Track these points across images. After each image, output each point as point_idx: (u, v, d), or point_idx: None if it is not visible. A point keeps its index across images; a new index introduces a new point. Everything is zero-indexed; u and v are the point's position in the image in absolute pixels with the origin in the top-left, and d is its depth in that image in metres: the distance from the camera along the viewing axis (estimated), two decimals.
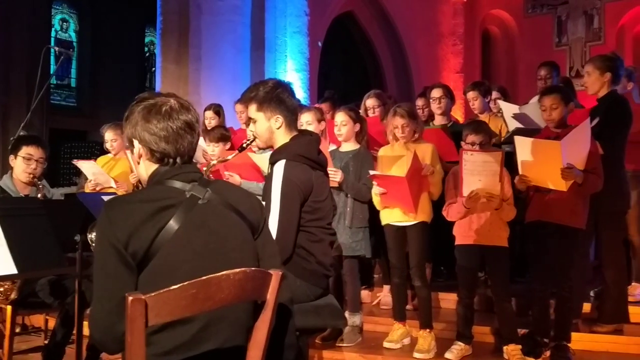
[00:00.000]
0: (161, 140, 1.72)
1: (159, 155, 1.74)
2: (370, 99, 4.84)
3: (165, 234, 1.60)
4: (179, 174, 1.72)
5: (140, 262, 1.60)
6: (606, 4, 11.81)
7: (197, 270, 1.56)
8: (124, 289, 1.54)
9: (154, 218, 1.61)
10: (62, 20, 15.91)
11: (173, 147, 1.72)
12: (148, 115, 1.73)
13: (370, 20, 11.35)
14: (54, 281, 3.40)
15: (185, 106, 1.77)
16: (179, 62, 7.80)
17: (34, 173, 3.65)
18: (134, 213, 1.61)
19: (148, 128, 1.73)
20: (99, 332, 1.59)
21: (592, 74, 3.87)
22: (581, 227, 3.48)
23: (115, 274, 1.59)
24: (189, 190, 1.69)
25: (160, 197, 1.66)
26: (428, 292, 3.82)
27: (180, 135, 1.73)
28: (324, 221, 2.62)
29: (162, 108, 1.73)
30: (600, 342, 3.77)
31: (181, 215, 1.63)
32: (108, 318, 1.57)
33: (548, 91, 3.58)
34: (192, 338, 1.60)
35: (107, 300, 1.58)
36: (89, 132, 14.41)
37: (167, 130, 1.71)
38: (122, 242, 1.58)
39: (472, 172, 3.40)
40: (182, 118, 1.74)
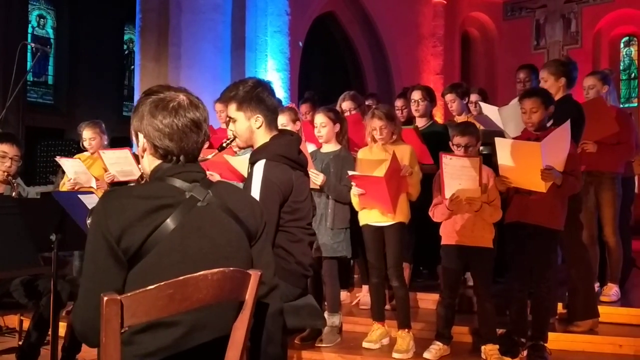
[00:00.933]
0: (165, 137, 1.67)
1: (162, 151, 1.69)
2: (346, 102, 4.83)
3: (160, 234, 1.57)
4: (181, 172, 1.68)
5: (131, 258, 1.57)
6: (583, 8, 12.01)
7: (185, 273, 1.53)
8: (111, 284, 1.53)
9: (151, 216, 1.57)
10: (39, 17, 15.70)
11: (177, 145, 1.68)
12: (155, 110, 1.68)
13: (351, 21, 11.39)
14: (29, 281, 3.35)
15: (194, 103, 1.72)
16: (158, 60, 7.74)
17: (9, 171, 3.59)
18: (131, 208, 1.57)
19: (153, 123, 1.67)
20: (81, 324, 1.57)
21: (548, 80, 3.95)
22: (559, 228, 3.52)
23: (105, 267, 1.56)
24: (190, 190, 1.65)
25: (159, 195, 1.62)
26: (406, 292, 3.83)
27: (186, 133, 1.68)
28: (303, 221, 2.61)
29: (170, 104, 1.68)
30: (576, 342, 3.82)
31: (178, 216, 1.59)
32: (93, 312, 1.51)
33: (529, 94, 3.58)
34: (175, 342, 1.58)
35: (93, 294, 1.52)
36: (65, 130, 14.24)
37: (172, 127, 1.66)
38: (115, 236, 1.55)
39: (452, 175, 3.43)
40: (189, 116, 1.69)
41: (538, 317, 3.54)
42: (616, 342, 3.79)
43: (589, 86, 4.46)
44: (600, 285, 4.48)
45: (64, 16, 15.88)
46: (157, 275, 1.53)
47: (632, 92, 12.74)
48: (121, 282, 1.56)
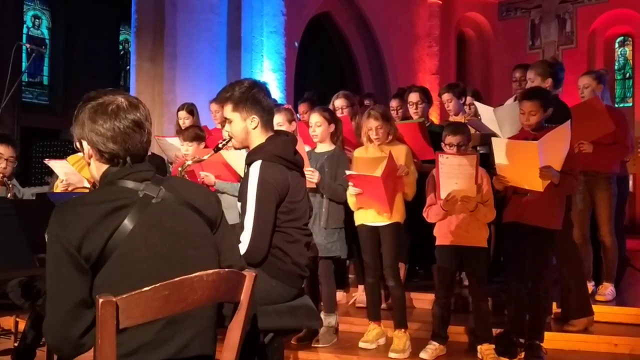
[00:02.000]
0: (108, 141, 1.67)
1: (107, 155, 1.69)
2: (338, 100, 4.82)
3: (120, 235, 1.57)
4: (130, 173, 1.69)
5: (95, 264, 1.57)
6: (578, 8, 12.05)
7: (156, 268, 1.55)
8: (77, 294, 1.53)
9: (107, 219, 1.58)
10: (34, 17, 15.63)
11: (121, 147, 1.68)
12: (94, 115, 1.68)
13: (347, 21, 11.39)
14: (25, 282, 3.33)
15: (133, 104, 1.72)
16: (154, 61, 7.73)
17: (4, 172, 3.59)
18: (86, 215, 1.57)
19: (95, 129, 1.67)
20: (54, 338, 1.57)
21: (535, 80, 3.98)
22: (557, 228, 3.53)
23: (68, 278, 1.55)
24: (142, 189, 1.66)
25: (112, 198, 1.63)
26: (402, 292, 3.84)
27: (128, 134, 1.68)
28: (300, 222, 2.62)
29: (109, 107, 1.68)
30: (571, 341, 3.83)
31: (135, 215, 1.60)
32: (62, 324, 1.54)
33: (529, 96, 3.56)
34: (156, 336, 1.58)
35: (60, 305, 1.54)
36: (61, 130, 14.18)
37: (114, 130, 1.66)
38: (75, 245, 1.54)
39: (448, 174, 3.43)
40: (130, 117, 1.69)
41: (535, 316, 3.55)
42: (611, 341, 3.81)
43: (584, 85, 4.47)
44: (595, 284, 4.50)
45: (59, 17, 15.82)
46: (125, 276, 1.54)
47: (626, 92, 12.78)
48: (87, 290, 1.57)
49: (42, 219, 2.80)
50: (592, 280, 4.50)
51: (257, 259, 2.47)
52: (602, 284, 4.42)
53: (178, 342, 1.61)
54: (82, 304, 1.55)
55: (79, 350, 1.55)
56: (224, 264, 1.75)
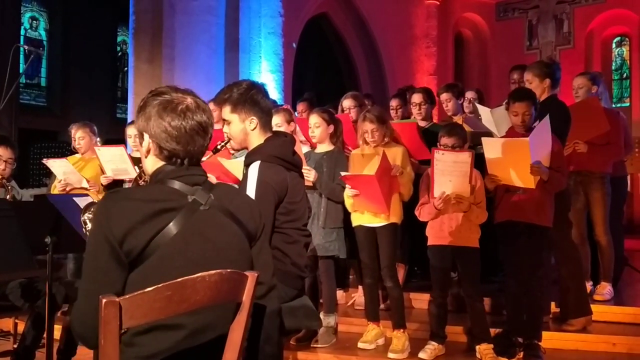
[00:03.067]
0: (172, 139, 1.66)
1: (167, 153, 1.68)
2: (347, 100, 4.85)
3: (163, 237, 1.56)
4: (183, 175, 1.68)
5: (133, 261, 1.56)
6: (575, 8, 12.07)
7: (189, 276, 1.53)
8: (112, 286, 1.52)
9: (154, 219, 1.57)
10: (31, 19, 15.62)
11: (183, 148, 1.67)
12: (163, 112, 1.66)
13: (345, 22, 11.40)
14: (24, 284, 3.34)
15: (201, 107, 1.71)
16: (152, 62, 7.73)
17: (3, 174, 3.59)
18: (134, 211, 1.57)
19: (161, 125, 1.66)
20: (81, 326, 1.56)
21: (533, 82, 4.00)
22: (548, 225, 3.57)
23: (106, 269, 1.55)
24: (192, 194, 1.65)
25: (162, 198, 1.62)
26: (400, 292, 3.85)
27: (192, 136, 1.67)
28: (299, 222, 2.62)
29: (179, 106, 1.67)
30: (569, 341, 3.84)
31: (181, 220, 1.59)
32: (92, 312, 1.50)
33: (521, 97, 3.61)
34: (178, 344, 1.57)
35: (93, 294, 1.50)
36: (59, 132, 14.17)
37: (179, 130, 1.66)
38: (118, 238, 1.54)
39: (443, 172, 3.44)
40: (197, 119, 1.68)
41: (532, 315, 3.56)
42: (610, 340, 3.82)
43: (578, 85, 4.50)
44: (593, 284, 4.51)
45: (56, 18, 15.81)
46: (159, 278, 1.52)
47: (624, 92, 12.80)
48: (121, 284, 1.56)
49: (41, 220, 2.82)
50: (591, 280, 4.51)
51: None
52: (600, 284, 4.43)
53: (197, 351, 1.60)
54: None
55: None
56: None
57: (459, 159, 3.43)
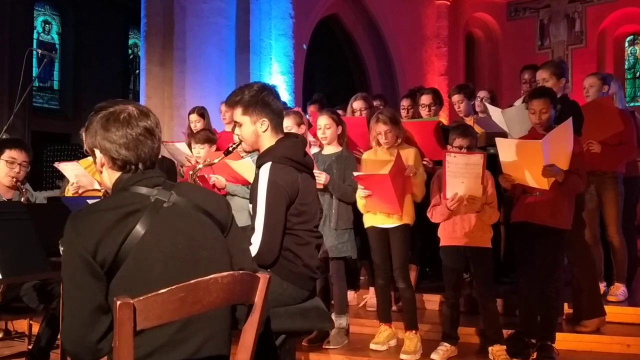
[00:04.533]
0: (121, 148, 1.72)
1: (120, 162, 1.74)
2: (357, 101, 4.86)
3: (133, 239, 1.60)
4: (142, 179, 1.73)
5: (109, 269, 1.60)
6: (587, 7, 11.99)
7: (169, 270, 1.58)
8: (93, 300, 1.56)
9: (120, 224, 1.61)
10: (44, 22, 15.77)
11: (134, 154, 1.72)
12: (107, 124, 1.72)
13: (355, 23, 11.40)
14: (39, 286, 3.37)
15: (144, 112, 1.77)
16: (163, 65, 7.77)
17: (17, 177, 3.61)
18: (100, 221, 1.61)
19: (107, 136, 1.72)
20: (72, 344, 1.59)
21: (550, 80, 3.98)
22: (566, 227, 3.53)
23: (84, 284, 1.58)
24: (154, 194, 1.69)
25: (125, 204, 1.66)
26: (412, 294, 3.84)
27: (140, 141, 1.73)
28: (310, 224, 2.62)
29: (121, 116, 1.73)
30: (583, 342, 3.82)
31: (147, 219, 1.63)
32: (79, 329, 1.57)
33: (538, 95, 3.58)
34: (171, 338, 1.61)
35: (77, 311, 1.58)
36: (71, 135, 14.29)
37: (126, 138, 1.71)
38: (90, 251, 1.58)
39: (455, 174, 3.43)
40: (142, 124, 1.74)
41: (546, 317, 3.54)
42: (624, 341, 3.79)
43: (589, 85, 4.48)
44: (607, 285, 4.48)
45: (68, 21, 15.95)
46: (140, 279, 1.57)
47: (637, 91, 12.71)
48: (103, 296, 1.60)
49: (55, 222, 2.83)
50: (604, 281, 4.48)
51: (268, 261, 2.48)
52: (613, 285, 4.40)
53: (193, 343, 1.63)
54: (99, 310, 1.58)
55: (97, 355, 1.58)
56: (236, 267, 1.77)
57: (471, 161, 3.42)
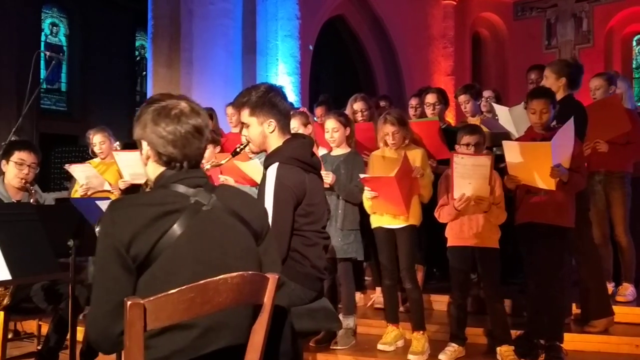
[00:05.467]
0: (169, 144, 1.71)
1: (165, 158, 1.73)
2: (357, 103, 4.85)
3: (168, 239, 1.60)
4: (184, 178, 1.72)
5: (141, 265, 1.60)
6: (595, 6, 11.92)
7: (197, 276, 1.56)
8: (122, 292, 1.55)
9: (158, 222, 1.60)
10: (52, 25, 15.85)
11: (180, 151, 1.71)
12: (157, 118, 1.71)
13: (361, 24, 11.39)
14: (48, 286, 3.39)
15: (195, 110, 1.75)
16: (170, 66, 7.79)
17: (26, 178, 3.63)
18: (138, 216, 1.61)
19: (156, 130, 1.71)
20: (95, 333, 1.60)
21: (549, 78, 3.97)
22: (570, 225, 3.54)
23: (115, 276, 1.59)
24: (194, 196, 1.68)
25: (165, 202, 1.66)
26: (419, 294, 3.84)
27: (188, 139, 1.72)
28: (317, 225, 2.63)
29: (172, 111, 1.72)
30: (591, 342, 3.80)
31: (184, 221, 1.63)
32: (104, 320, 1.57)
33: (538, 95, 3.59)
34: (191, 343, 1.60)
35: (104, 302, 1.58)
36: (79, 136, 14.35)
37: (175, 134, 1.70)
38: (124, 244, 1.58)
39: (463, 175, 3.45)
40: (192, 122, 1.72)
41: (553, 317, 3.53)
42: (633, 342, 3.77)
43: (595, 87, 4.46)
44: (615, 285, 4.46)
45: (76, 24, 16.02)
46: (168, 280, 1.56)
47: None
48: (131, 289, 1.59)
49: (64, 224, 2.87)
50: (612, 281, 4.46)
51: None
52: (622, 285, 4.38)
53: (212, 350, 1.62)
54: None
55: (117, 347, 1.58)
56: None
57: (478, 162, 3.43)
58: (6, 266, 2.24)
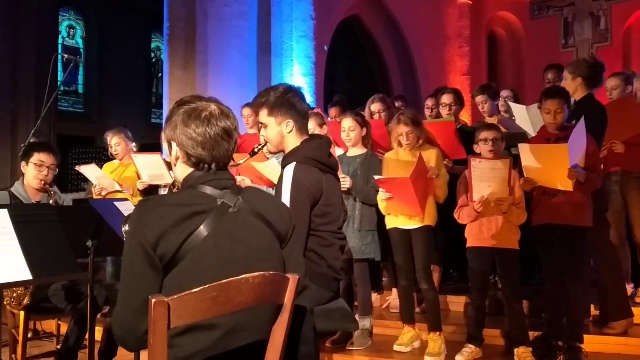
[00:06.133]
0: (198, 146, 1.72)
1: (195, 160, 1.75)
2: (375, 104, 4.86)
3: (194, 240, 1.61)
4: (212, 180, 1.74)
5: (167, 264, 1.62)
6: (613, 5, 11.79)
7: (222, 277, 1.56)
8: (148, 290, 1.57)
9: (185, 223, 1.62)
10: (69, 27, 16.02)
11: (209, 153, 1.73)
12: (188, 120, 1.73)
13: (376, 24, 11.38)
14: (67, 286, 3.43)
15: (225, 113, 1.77)
16: (186, 68, 7.84)
17: (46, 179, 3.67)
18: (166, 216, 1.63)
19: (187, 132, 1.73)
20: (121, 330, 1.63)
21: (567, 78, 3.96)
22: (588, 225, 3.51)
23: (142, 274, 1.61)
24: (221, 197, 1.70)
25: (192, 203, 1.68)
26: (436, 295, 3.83)
27: (218, 142, 1.73)
28: (334, 225, 2.63)
29: (202, 114, 1.73)
30: (610, 345, 3.77)
31: (211, 223, 1.64)
32: (131, 317, 1.60)
33: (553, 95, 3.57)
34: (214, 344, 1.62)
35: (131, 300, 1.61)
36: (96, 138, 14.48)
37: (204, 136, 1.72)
38: (152, 243, 1.60)
39: (481, 178, 3.45)
40: (221, 125, 1.74)
41: (573, 318, 3.51)
42: None
43: (612, 87, 4.43)
44: (635, 286, 4.41)
45: (92, 26, 16.19)
46: (193, 280, 1.57)
47: None
48: (158, 288, 1.61)
49: (83, 225, 2.89)
50: (632, 282, 4.41)
51: None
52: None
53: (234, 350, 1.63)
54: None
55: (142, 345, 1.59)
56: None
57: (496, 166, 3.44)
58: (27, 266, 2.26)
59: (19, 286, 3.10)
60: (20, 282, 2.33)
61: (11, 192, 3.66)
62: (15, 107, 12.26)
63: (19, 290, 3.30)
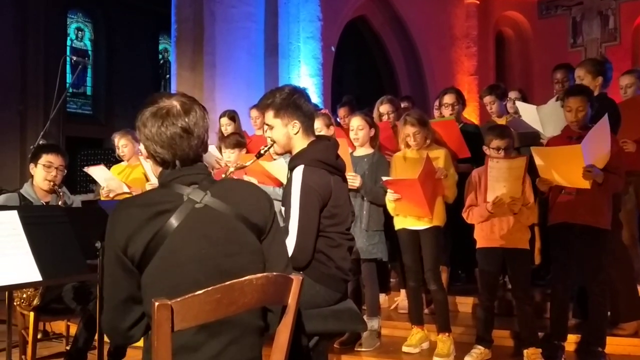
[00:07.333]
0: (156, 145, 1.73)
1: (158, 158, 1.76)
2: (384, 105, 4.85)
3: (161, 238, 1.63)
4: (179, 177, 1.73)
5: (139, 264, 1.65)
6: (621, 4, 11.72)
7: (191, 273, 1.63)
8: (123, 291, 1.64)
9: (150, 223, 1.63)
10: (77, 29, 16.10)
11: (168, 152, 1.73)
12: (146, 120, 1.73)
13: (383, 24, 11.36)
14: (77, 287, 3.45)
15: (186, 109, 1.74)
16: (193, 69, 7.86)
17: (54, 180, 3.69)
18: (133, 218, 1.65)
19: (145, 132, 1.74)
20: (106, 326, 1.71)
21: (585, 78, 3.93)
22: (607, 227, 3.46)
23: (116, 276, 1.66)
24: (188, 194, 1.70)
25: (159, 201, 1.68)
26: (444, 296, 3.82)
27: (174, 139, 1.71)
28: (342, 226, 2.63)
29: (158, 113, 1.73)
30: (621, 345, 3.74)
31: (176, 220, 1.65)
32: (112, 315, 1.68)
33: (575, 92, 3.53)
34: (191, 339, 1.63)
35: (109, 299, 1.69)
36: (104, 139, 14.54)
37: (160, 136, 1.71)
38: (121, 246, 1.63)
39: (498, 178, 3.44)
40: (178, 123, 1.71)
41: (594, 322, 3.47)
42: None
43: (626, 85, 4.39)
44: None
45: (100, 28, 16.26)
46: (165, 278, 1.62)
47: None
48: (134, 287, 1.66)
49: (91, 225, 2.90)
50: None
51: (302, 263, 2.49)
52: None
53: (213, 346, 1.64)
54: (130, 300, 1.66)
55: (129, 340, 1.69)
56: (270, 271, 1.74)
57: (514, 165, 3.44)
58: (37, 267, 2.27)
59: (29, 287, 3.12)
60: (29, 282, 2.35)
61: (20, 193, 3.68)
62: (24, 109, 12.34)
63: (28, 291, 3.32)
